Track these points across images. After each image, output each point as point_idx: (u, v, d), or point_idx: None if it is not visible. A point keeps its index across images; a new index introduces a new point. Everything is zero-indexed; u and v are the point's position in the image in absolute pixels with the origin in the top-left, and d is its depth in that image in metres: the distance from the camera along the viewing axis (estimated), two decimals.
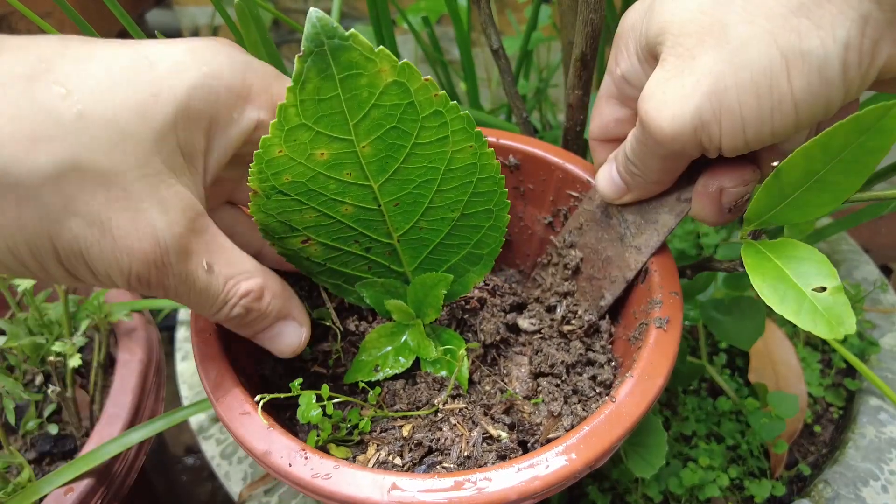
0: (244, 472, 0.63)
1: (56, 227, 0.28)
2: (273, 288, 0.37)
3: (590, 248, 0.49)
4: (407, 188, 0.39)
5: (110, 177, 0.29)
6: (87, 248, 0.29)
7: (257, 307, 0.36)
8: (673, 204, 0.43)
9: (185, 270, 0.32)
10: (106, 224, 0.29)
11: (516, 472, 0.34)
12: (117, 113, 0.29)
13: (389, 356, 0.44)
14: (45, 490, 0.50)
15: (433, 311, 0.43)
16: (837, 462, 0.60)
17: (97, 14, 0.69)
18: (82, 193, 0.28)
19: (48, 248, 0.29)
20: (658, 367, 0.39)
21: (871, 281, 0.76)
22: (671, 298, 0.43)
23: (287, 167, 0.36)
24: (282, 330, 0.39)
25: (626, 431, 0.36)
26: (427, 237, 0.43)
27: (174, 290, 0.33)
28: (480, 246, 0.43)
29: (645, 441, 0.50)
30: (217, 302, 0.35)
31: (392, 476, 0.34)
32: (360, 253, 0.43)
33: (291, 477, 0.35)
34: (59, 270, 0.30)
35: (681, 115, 0.33)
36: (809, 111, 0.31)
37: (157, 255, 0.31)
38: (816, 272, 0.35)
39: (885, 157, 0.34)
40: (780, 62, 0.30)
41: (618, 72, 0.40)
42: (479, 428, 0.41)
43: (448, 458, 0.39)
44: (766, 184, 0.36)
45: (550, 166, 0.52)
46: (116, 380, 0.59)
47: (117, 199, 0.29)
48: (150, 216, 0.30)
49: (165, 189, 0.31)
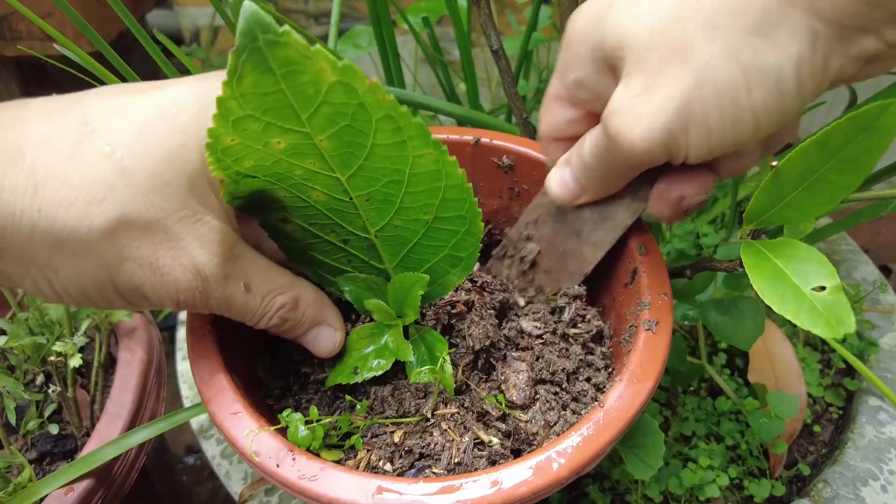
0: (245, 472, 0.63)
1: (114, 271, 0.33)
2: (307, 298, 0.41)
3: (546, 242, 0.49)
4: (375, 185, 0.39)
5: (153, 224, 0.33)
6: (142, 285, 0.34)
7: (293, 316, 0.41)
8: (629, 202, 0.43)
9: (224, 293, 0.37)
10: (154, 264, 0.34)
11: (504, 478, 0.34)
12: (154, 165, 0.33)
13: (369, 358, 0.44)
14: (46, 490, 0.50)
15: (412, 312, 0.43)
16: (837, 462, 0.60)
17: (98, 15, 0.69)
18: (132, 241, 0.33)
19: (110, 288, 0.34)
20: (647, 370, 0.39)
21: (870, 281, 0.76)
22: (660, 300, 0.42)
23: (246, 153, 0.35)
24: (318, 334, 0.43)
25: (614, 437, 0.36)
26: (404, 235, 0.42)
27: (217, 308, 0.37)
28: (458, 249, 0.43)
29: (642, 443, 0.50)
30: (256, 315, 0.39)
31: (377, 479, 0.34)
32: (338, 244, 0.43)
33: (278, 477, 0.35)
34: (121, 301, 0.36)
35: (651, 131, 0.34)
36: (768, 120, 0.33)
37: (198, 283, 0.35)
38: (816, 272, 0.35)
39: (884, 157, 0.34)
40: (741, 78, 0.32)
41: (570, 76, 0.40)
42: (470, 433, 0.40)
43: (438, 464, 0.39)
44: (765, 184, 0.36)
45: (544, 167, 0.52)
46: (117, 380, 0.59)
47: (161, 242, 0.34)
48: (191, 252, 0.35)
49: (202, 226, 0.35)
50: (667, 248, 0.77)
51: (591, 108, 0.40)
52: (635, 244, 0.46)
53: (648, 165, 0.38)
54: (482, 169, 0.54)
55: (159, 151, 0.33)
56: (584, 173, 0.42)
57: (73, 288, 0.34)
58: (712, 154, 0.35)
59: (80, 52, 0.46)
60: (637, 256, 0.45)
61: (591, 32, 0.37)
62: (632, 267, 0.45)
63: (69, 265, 0.33)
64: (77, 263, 0.33)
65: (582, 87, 0.40)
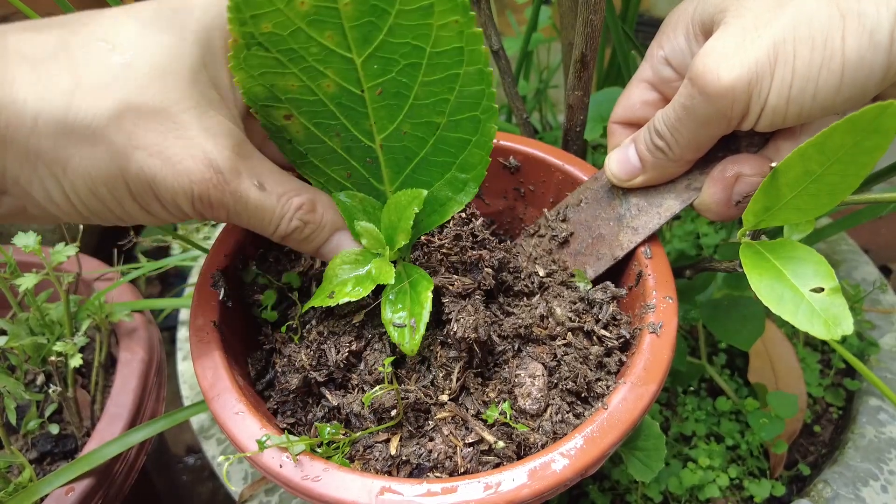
0: (245, 472, 0.63)
1: (124, 162, 0.33)
2: (323, 200, 0.41)
3: (583, 225, 0.49)
4: (390, 71, 0.37)
5: (160, 111, 0.33)
6: (153, 178, 0.33)
7: (312, 219, 0.39)
8: (681, 191, 0.43)
9: (238, 188, 0.36)
10: (165, 153, 0.33)
11: (506, 480, 0.34)
12: (155, 58, 0.33)
13: (348, 284, 0.41)
14: (46, 490, 0.50)
15: (403, 235, 0.40)
16: (837, 462, 0.60)
17: None
18: (139, 128, 0.32)
19: (122, 184, 0.33)
20: (652, 373, 0.39)
21: (870, 281, 0.76)
22: (665, 303, 0.42)
23: (266, 10, 0.35)
24: (340, 241, 0.42)
25: (617, 439, 0.36)
26: (410, 147, 0.41)
27: (234, 208, 0.36)
28: (465, 167, 0.41)
29: (644, 445, 0.50)
30: (275, 216, 0.38)
31: (381, 480, 0.34)
32: (341, 152, 0.41)
33: (281, 478, 0.35)
34: (134, 206, 0.35)
35: (739, 65, 0.35)
36: (853, 77, 0.33)
37: (212, 173, 0.34)
38: (814, 273, 0.35)
39: (884, 157, 0.34)
40: (838, 20, 0.33)
41: (660, 54, 0.43)
42: (473, 434, 0.39)
43: (439, 470, 0.38)
44: (764, 185, 0.36)
45: (550, 168, 0.52)
46: (117, 380, 0.59)
47: (169, 130, 0.33)
48: (200, 142, 0.34)
49: (208, 119, 0.34)
50: (667, 248, 0.77)
51: (670, 92, 0.42)
52: (641, 247, 0.46)
53: (720, 122, 0.38)
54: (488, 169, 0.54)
55: (159, 46, 0.33)
56: (652, 141, 0.42)
57: (83, 187, 0.33)
58: (788, 112, 0.35)
59: None
60: (643, 259, 0.45)
61: (691, 9, 0.40)
62: (637, 270, 0.45)
63: (77, 157, 0.32)
64: (86, 154, 0.32)
65: (668, 62, 0.42)
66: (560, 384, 0.42)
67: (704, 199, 0.42)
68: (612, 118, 0.47)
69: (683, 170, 0.43)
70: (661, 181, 0.44)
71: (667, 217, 0.44)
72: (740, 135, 0.42)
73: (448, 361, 0.41)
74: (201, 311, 0.43)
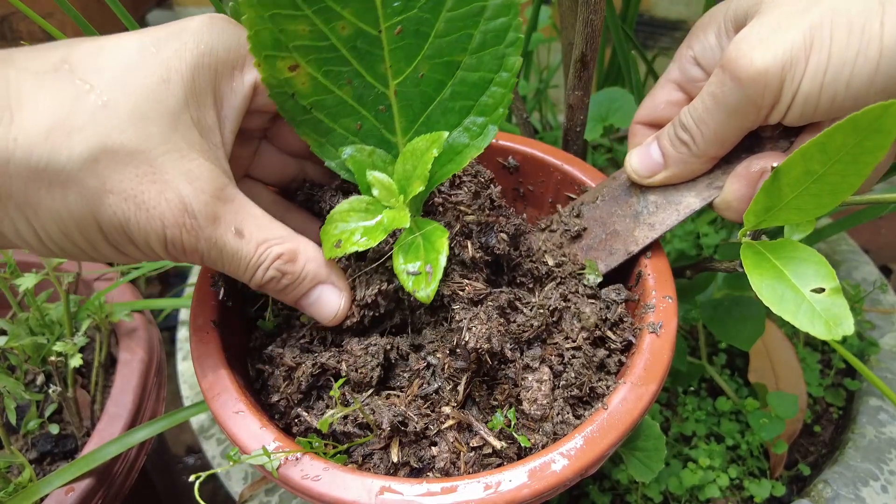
0: (245, 472, 0.63)
1: (97, 205, 0.31)
2: (307, 252, 0.38)
3: (597, 221, 0.48)
4: (413, 7, 0.35)
5: (136, 154, 0.32)
6: (126, 222, 0.32)
7: (291, 269, 0.37)
8: (702, 189, 0.43)
9: (214, 235, 0.34)
10: (139, 197, 0.32)
11: (506, 480, 0.34)
12: (135, 100, 0.32)
13: (356, 233, 0.38)
14: (46, 490, 0.50)
15: (419, 182, 0.37)
16: (837, 462, 0.60)
17: (98, 15, 0.69)
18: (115, 173, 0.31)
19: (94, 227, 0.32)
20: (652, 372, 0.39)
21: (870, 281, 0.76)
22: (665, 303, 0.42)
23: None
24: (320, 295, 0.39)
25: (617, 439, 0.36)
26: (427, 91, 0.39)
27: (207, 254, 0.35)
28: (484, 110, 0.39)
29: (644, 445, 0.50)
30: (250, 265, 0.36)
31: (381, 479, 0.34)
32: (351, 102, 0.39)
33: (281, 477, 0.35)
34: (106, 247, 0.34)
35: (774, 49, 0.34)
36: (889, 64, 0.33)
37: (185, 219, 0.33)
38: (815, 273, 0.35)
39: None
40: (877, 6, 0.33)
41: (689, 54, 0.43)
42: (477, 438, 0.39)
43: (440, 471, 0.38)
44: (765, 185, 0.36)
45: (549, 168, 0.52)
46: (117, 380, 0.59)
47: (146, 174, 0.32)
48: (177, 186, 0.33)
49: (188, 162, 0.33)
50: (667, 248, 0.77)
51: (696, 92, 0.41)
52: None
53: (750, 111, 0.37)
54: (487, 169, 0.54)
55: (140, 86, 0.33)
56: (677, 134, 0.41)
57: (55, 229, 0.32)
58: (820, 101, 0.35)
59: None
60: (642, 259, 0.45)
61: (723, 8, 0.40)
62: (637, 270, 0.45)
63: (49, 200, 0.31)
64: (57, 198, 0.31)
65: (698, 63, 0.42)
66: (565, 387, 0.41)
67: (726, 196, 0.41)
68: (636, 119, 0.47)
69: (706, 167, 0.42)
70: (683, 179, 0.43)
71: (685, 214, 0.43)
72: (765, 136, 0.41)
73: (456, 373, 0.40)
74: (201, 310, 0.43)
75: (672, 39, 1.03)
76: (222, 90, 0.36)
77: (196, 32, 0.35)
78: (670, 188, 0.44)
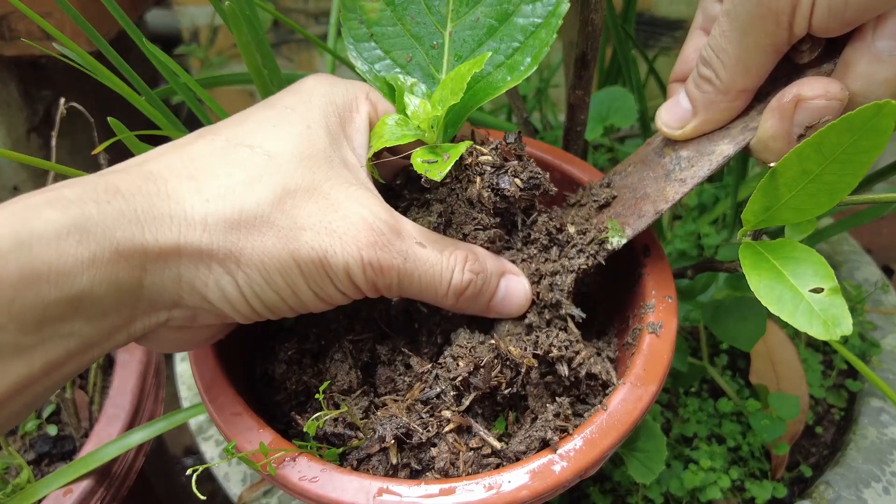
0: (243, 474, 0.63)
1: (295, 244, 0.33)
2: (478, 250, 0.39)
3: (628, 189, 0.45)
4: None
5: (312, 191, 0.34)
6: (325, 254, 0.34)
7: (481, 269, 0.38)
8: (736, 134, 0.40)
9: (404, 247, 0.36)
10: (329, 227, 0.34)
11: (505, 482, 0.34)
12: (293, 147, 0.35)
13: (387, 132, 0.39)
14: (45, 491, 0.50)
15: (455, 96, 0.37)
16: (839, 463, 0.60)
17: (97, 14, 0.69)
18: (301, 210, 0.34)
19: (294, 269, 0.34)
20: (651, 373, 0.38)
21: (872, 282, 0.76)
22: (664, 303, 0.42)
23: None
24: (508, 287, 0.40)
25: (617, 440, 0.36)
26: (478, 35, 0.41)
27: (403, 268, 0.36)
28: (527, 50, 0.40)
29: (644, 446, 0.50)
30: (445, 271, 0.37)
31: (378, 481, 0.34)
32: (409, 36, 0.42)
33: (279, 479, 0.35)
34: (308, 293, 0.35)
35: None
36: None
37: (376, 236, 0.35)
38: (813, 273, 0.35)
39: (886, 157, 0.33)
40: None
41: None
42: (477, 439, 0.39)
43: (439, 472, 0.37)
44: (762, 185, 0.36)
45: (549, 167, 0.52)
46: (115, 381, 0.59)
47: (327, 207, 0.34)
48: (355, 210, 0.35)
49: (354, 191, 0.36)
50: (668, 248, 0.77)
51: None
52: (640, 247, 0.45)
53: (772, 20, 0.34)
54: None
55: (292, 135, 0.36)
56: (700, 78, 0.39)
57: (258, 277, 0.33)
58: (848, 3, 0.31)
59: (80, 50, 0.45)
60: (642, 259, 0.45)
61: None
62: (637, 270, 0.45)
63: (249, 248, 0.33)
64: (257, 243, 0.33)
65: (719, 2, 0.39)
66: (568, 391, 0.40)
67: (761, 136, 0.37)
68: (671, 77, 0.44)
69: (737, 106, 0.39)
70: (715, 125, 0.40)
71: (718, 163, 0.40)
72: (803, 64, 0.38)
73: (466, 388, 0.39)
74: None
75: (673, 39, 1.02)
76: (349, 131, 0.39)
77: (312, 87, 0.39)
78: (703, 140, 0.41)
